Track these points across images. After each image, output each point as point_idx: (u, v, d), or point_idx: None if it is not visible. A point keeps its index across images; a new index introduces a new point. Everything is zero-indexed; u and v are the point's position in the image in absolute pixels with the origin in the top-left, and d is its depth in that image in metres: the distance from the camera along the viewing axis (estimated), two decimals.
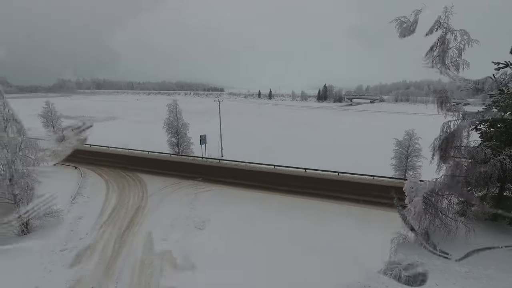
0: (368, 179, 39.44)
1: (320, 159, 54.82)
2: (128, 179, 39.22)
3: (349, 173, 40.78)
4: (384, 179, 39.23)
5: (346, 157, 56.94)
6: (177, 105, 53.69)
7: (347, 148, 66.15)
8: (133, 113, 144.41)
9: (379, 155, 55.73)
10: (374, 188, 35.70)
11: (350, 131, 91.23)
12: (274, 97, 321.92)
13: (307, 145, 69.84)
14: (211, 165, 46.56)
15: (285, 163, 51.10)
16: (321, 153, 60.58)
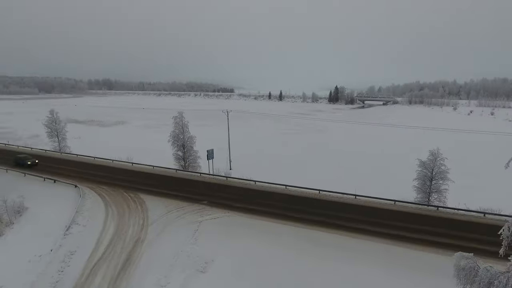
0: (388, 204, 36.02)
1: (333, 175, 51.57)
2: (129, 202, 36.64)
3: (368, 196, 37.39)
4: (406, 204, 35.78)
5: (361, 174, 53.47)
6: (183, 118, 51.02)
7: (362, 163, 62.57)
8: (141, 117, 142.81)
9: (397, 173, 52.28)
10: (403, 218, 32.22)
11: (365, 143, 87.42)
12: (285, 98, 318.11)
13: (318, 157, 66.46)
14: (218, 183, 43.70)
15: (297, 178, 48.14)
16: (333, 168, 57.19)
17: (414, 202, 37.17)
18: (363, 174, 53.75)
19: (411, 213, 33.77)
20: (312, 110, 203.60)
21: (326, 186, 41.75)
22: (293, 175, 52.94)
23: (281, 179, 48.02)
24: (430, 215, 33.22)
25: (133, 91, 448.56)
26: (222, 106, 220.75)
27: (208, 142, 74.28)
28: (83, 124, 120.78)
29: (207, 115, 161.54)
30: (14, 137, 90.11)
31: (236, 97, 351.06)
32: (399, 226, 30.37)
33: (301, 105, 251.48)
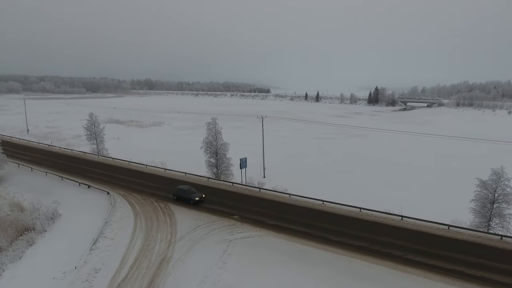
0: (442, 229, 31.73)
1: (374, 189, 47.37)
2: (158, 213, 35.46)
3: (417, 218, 33.28)
4: (463, 231, 31.31)
5: (407, 190, 48.69)
6: (217, 124, 49.43)
7: (408, 177, 57.47)
8: (178, 117, 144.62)
9: (449, 191, 46.89)
10: (460, 247, 27.98)
11: (411, 152, 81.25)
12: (322, 99, 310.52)
13: (358, 167, 62.05)
14: (250, 195, 41.47)
15: (334, 191, 44.77)
16: (374, 181, 52.76)
17: (472, 228, 32.55)
18: (409, 189, 49.05)
19: (469, 242, 29.36)
20: (350, 112, 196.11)
21: (367, 203, 38.12)
22: (330, 187, 49.53)
23: (317, 191, 44.94)
24: (492, 245, 28.63)
25: (172, 91, 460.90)
26: (257, 107, 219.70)
27: (242, 146, 72.68)
28: (123, 125, 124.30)
29: (242, 116, 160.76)
30: (59, 137, 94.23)
31: (272, 97, 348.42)
32: (456, 258, 26.26)
33: (339, 107, 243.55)
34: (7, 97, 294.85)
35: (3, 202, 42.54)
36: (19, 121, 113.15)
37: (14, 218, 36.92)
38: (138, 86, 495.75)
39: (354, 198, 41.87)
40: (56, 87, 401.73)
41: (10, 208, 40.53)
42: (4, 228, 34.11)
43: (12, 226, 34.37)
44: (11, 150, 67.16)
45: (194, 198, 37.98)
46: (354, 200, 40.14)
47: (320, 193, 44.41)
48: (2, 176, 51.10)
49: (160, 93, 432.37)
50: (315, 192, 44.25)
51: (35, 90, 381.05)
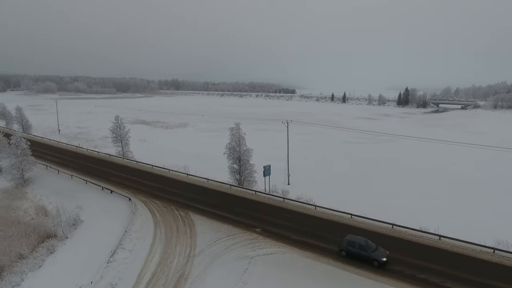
0: (485, 252, 28.52)
1: (406, 202, 44.02)
2: (179, 223, 34.42)
3: (457, 239, 30.18)
4: (510, 256, 27.97)
5: (444, 203, 45.00)
6: (240, 129, 48.00)
7: (445, 188, 53.43)
8: (203, 119, 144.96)
9: (494, 207, 42.75)
10: (508, 274, 24.90)
11: (447, 159, 76.28)
12: (348, 100, 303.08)
13: (387, 176, 58.50)
14: (274, 205, 39.63)
15: (362, 202, 42.14)
16: (406, 191, 49.26)
17: None
18: (445, 201, 45.41)
19: None
20: (378, 114, 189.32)
21: (400, 218, 35.35)
22: (358, 195, 46.84)
23: (345, 200, 42.61)
24: None
25: (198, 91, 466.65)
26: (282, 108, 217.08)
27: (265, 150, 71.06)
28: (149, 126, 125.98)
29: (266, 117, 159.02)
30: (88, 137, 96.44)
31: (298, 98, 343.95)
32: None
33: (366, 108, 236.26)
34: (44, 96, 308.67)
35: (30, 205, 43.20)
36: (53, 121, 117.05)
37: (38, 223, 37.24)
38: (165, 86, 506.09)
39: (384, 210, 39.24)
40: (88, 87, 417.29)
41: (35, 211, 41.03)
42: (28, 233, 34.32)
43: (35, 231, 34.52)
44: (41, 151, 69.12)
45: (380, 258, 26.34)
46: (385, 213, 37.52)
47: (347, 202, 42.09)
48: (30, 178, 52.24)
49: (186, 93, 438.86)
50: (342, 201, 41.99)
51: (69, 90, 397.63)
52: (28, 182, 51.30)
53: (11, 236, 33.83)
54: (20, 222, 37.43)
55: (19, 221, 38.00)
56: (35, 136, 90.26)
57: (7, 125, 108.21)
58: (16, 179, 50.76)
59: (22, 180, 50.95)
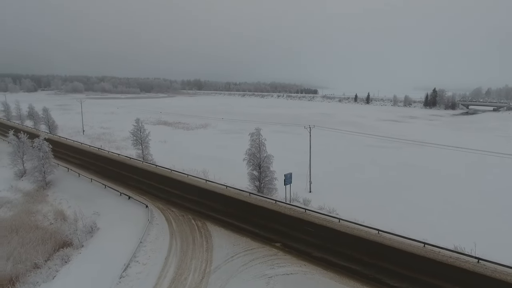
0: None
1: (438, 216, 40.70)
2: (195, 234, 33.10)
3: (500, 264, 27.18)
4: None
5: (482, 218, 41.37)
6: (261, 135, 46.26)
7: (483, 200, 49.44)
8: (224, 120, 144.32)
9: None
10: None
11: (484, 168, 71.29)
12: (372, 101, 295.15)
13: (417, 185, 54.90)
14: (295, 217, 37.65)
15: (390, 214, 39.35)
16: (438, 204, 45.77)
17: None
18: (482, 216, 41.76)
19: None
20: (404, 116, 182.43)
21: (432, 235, 32.67)
22: (384, 206, 43.93)
23: (370, 212, 40.00)
24: None
25: (220, 91, 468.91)
26: (304, 109, 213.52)
27: (286, 153, 69.12)
28: (171, 127, 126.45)
29: (287, 118, 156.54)
30: (110, 138, 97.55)
31: (320, 98, 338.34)
32: None
33: (391, 110, 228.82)
34: (72, 96, 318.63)
35: (49, 209, 43.27)
36: (78, 121, 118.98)
37: (55, 229, 37.03)
38: (188, 86, 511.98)
39: (414, 224, 36.47)
40: (114, 87, 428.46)
41: (54, 216, 40.98)
42: (45, 240, 34.05)
43: (51, 238, 34.23)
44: (64, 152, 70.14)
45: None
46: (415, 228, 34.83)
47: (373, 214, 39.56)
48: (52, 181, 52.67)
49: (208, 93, 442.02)
50: (368, 212, 39.53)
51: (96, 90, 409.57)
52: (49, 185, 51.71)
53: (29, 242, 33.66)
54: (38, 228, 37.35)
55: (38, 226, 37.96)
56: (59, 137, 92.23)
57: (35, 125, 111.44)
58: (38, 182, 51.29)
59: (44, 183, 51.41)
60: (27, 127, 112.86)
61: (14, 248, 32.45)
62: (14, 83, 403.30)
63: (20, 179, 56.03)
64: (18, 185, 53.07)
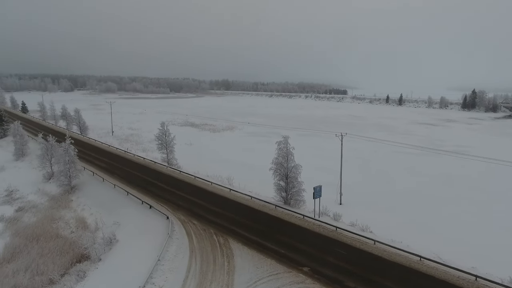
0: None
1: (491, 234, 35.79)
2: (216, 253, 30.86)
3: None
4: None
5: None
6: (289, 144, 43.41)
7: None
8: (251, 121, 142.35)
9: None
10: None
11: None
12: (405, 103, 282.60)
13: (461, 196, 49.68)
14: (324, 236, 34.49)
15: (431, 234, 35.23)
16: (490, 220, 40.68)
17: None
18: None
19: None
20: (440, 120, 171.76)
21: (485, 263, 28.49)
22: (424, 225, 39.62)
23: (409, 232, 36.21)
24: None
25: (247, 91, 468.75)
26: (333, 110, 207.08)
27: (313, 159, 65.81)
28: (197, 128, 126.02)
29: (315, 120, 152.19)
30: (137, 140, 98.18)
31: (349, 99, 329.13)
32: None
33: (426, 112, 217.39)
34: (105, 96, 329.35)
35: (72, 215, 42.78)
36: (109, 121, 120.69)
37: (75, 238, 36.23)
38: (216, 86, 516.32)
39: (462, 250, 32.32)
40: (145, 87, 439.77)
41: (76, 223, 40.38)
42: (64, 251, 33.21)
43: (70, 249, 33.33)
44: (91, 154, 70.67)
45: None
46: (463, 253, 30.83)
47: (413, 233, 35.74)
48: (77, 185, 52.57)
49: (235, 93, 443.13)
50: (405, 231, 35.81)
51: (128, 90, 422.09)
52: (74, 189, 51.63)
53: (48, 253, 32.91)
54: (58, 236, 36.72)
55: (58, 234, 37.35)
56: (89, 138, 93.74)
57: (67, 126, 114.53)
58: (63, 186, 51.30)
59: (69, 187, 51.38)
60: (60, 127, 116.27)
61: (33, 259, 31.73)
62: (53, 83, 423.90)
63: (48, 181, 56.56)
64: (45, 188, 53.45)
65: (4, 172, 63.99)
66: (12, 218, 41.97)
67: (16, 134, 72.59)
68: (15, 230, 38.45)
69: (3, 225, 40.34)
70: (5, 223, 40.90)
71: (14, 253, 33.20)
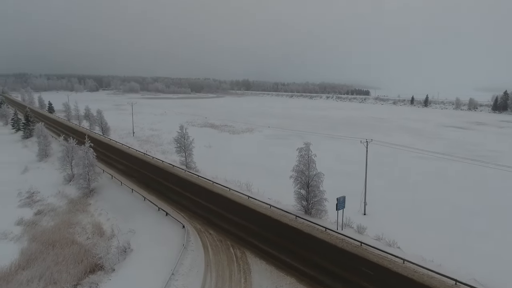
0: None
1: None
2: (233, 267, 29.26)
3: None
4: None
5: None
6: (310, 151, 41.28)
7: None
8: (270, 123, 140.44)
9: None
10: None
11: None
12: (431, 104, 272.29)
13: (498, 210, 45.77)
14: (348, 252, 32.18)
15: (468, 259, 32.09)
16: None
17: None
18: None
19: None
20: (469, 122, 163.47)
21: None
22: (458, 241, 36.48)
23: (440, 250, 33.32)
24: None
25: (268, 91, 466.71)
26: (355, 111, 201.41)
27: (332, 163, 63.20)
28: (217, 130, 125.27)
29: (336, 122, 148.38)
30: (157, 141, 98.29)
31: (372, 100, 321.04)
32: None
33: (454, 114, 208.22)
34: (128, 96, 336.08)
35: (89, 221, 42.35)
36: (131, 122, 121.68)
37: (91, 245, 35.60)
38: (236, 86, 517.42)
39: (500, 266, 29.34)
40: (167, 87, 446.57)
41: (92, 229, 39.86)
42: (78, 259, 32.61)
43: (85, 258, 32.61)
44: (111, 156, 70.93)
45: None
46: (500, 272, 28.03)
47: (445, 251, 32.96)
48: (96, 188, 52.40)
49: (256, 94, 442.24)
50: (437, 249, 33.06)
51: (150, 90, 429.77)
52: (93, 192, 51.46)
53: (63, 260, 32.37)
54: (74, 242, 36.22)
55: (74, 240, 36.87)
56: (110, 139, 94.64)
57: (90, 127, 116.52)
58: (82, 189, 51.22)
59: (88, 190, 51.24)
60: (83, 127, 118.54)
61: (47, 267, 31.20)
62: (79, 83, 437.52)
63: (68, 183, 56.81)
64: (65, 190, 53.61)
65: (27, 173, 65.08)
66: (30, 222, 41.97)
67: (40, 135, 73.86)
68: (32, 234, 38.28)
69: (22, 229, 40.34)
70: (23, 227, 40.92)
71: (29, 260, 32.81)
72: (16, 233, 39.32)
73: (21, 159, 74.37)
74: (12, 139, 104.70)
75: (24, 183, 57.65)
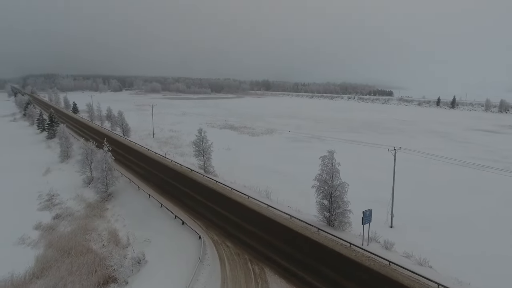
0: None
1: None
2: (250, 285, 27.42)
3: None
4: None
5: None
6: (334, 160, 38.90)
7: None
8: (290, 124, 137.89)
9: None
10: None
11: None
12: (459, 106, 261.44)
13: None
14: (376, 272, 29.62)
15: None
16: None
17: None
18: None
19: None
20: (501, 126, 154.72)
21: None
22: (497, 262, 33.23)
23: (477, 270, 30.39)
24: None
25: (288, 92, 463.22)
26: (377, 114, 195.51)
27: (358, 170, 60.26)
28: (236, 131, 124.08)
29: (359, 125, 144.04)
30: (177, 143, 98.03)
31: (395, 101, 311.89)
32: None
33: (483, 116, 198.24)
34: (150, 96, 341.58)
35: (105, 227, 41.70)
36: (152, 122, 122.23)
37: (106, 254, 34.73)
38: (256, 87, 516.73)
39: None
40: (187, 87, 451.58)
41: (108, 236, 39.15)
42: (92, 269, 31.71)
43: (99, 268, 31.75)
44: (130, 159, 70.78)
45: None
46: None
47: (482, 271, 30.06)
48: (113, 193, 51.98)
49: (275, 94, 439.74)
50: (474, 268, 30.25)
51: (171, 90, 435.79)
52: (110, 196, 51.08)
53: (77, 270, 31.61)
54: (89, 250, 35.50)
55: (90, 248, 36.16)
56: (130, 141, 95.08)
57: (112, 127, 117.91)
58: (100, 193, 50.89)
59: (105, 194, 50.88)
60: (104, 128, 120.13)
61: (61, 277, 30.50)
62: (104, 84, 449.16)
63: (87, 186, 56.83)
64: (84, 193, 53.54)
65: (49, 174, 65.84)
66: (48, 227, 41.79)
67: (61, 136, 74.78)
68: (49, 240, 37.94)
69: (39, 234, 40.18)
70: (41, 232, 40.76)
71: (44, 268, 32.28)
72: (33, 238, 39.16)
73: (44, 160, 75.59)
74: (37, 139, 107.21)
75: (45, 185, 58.13)
